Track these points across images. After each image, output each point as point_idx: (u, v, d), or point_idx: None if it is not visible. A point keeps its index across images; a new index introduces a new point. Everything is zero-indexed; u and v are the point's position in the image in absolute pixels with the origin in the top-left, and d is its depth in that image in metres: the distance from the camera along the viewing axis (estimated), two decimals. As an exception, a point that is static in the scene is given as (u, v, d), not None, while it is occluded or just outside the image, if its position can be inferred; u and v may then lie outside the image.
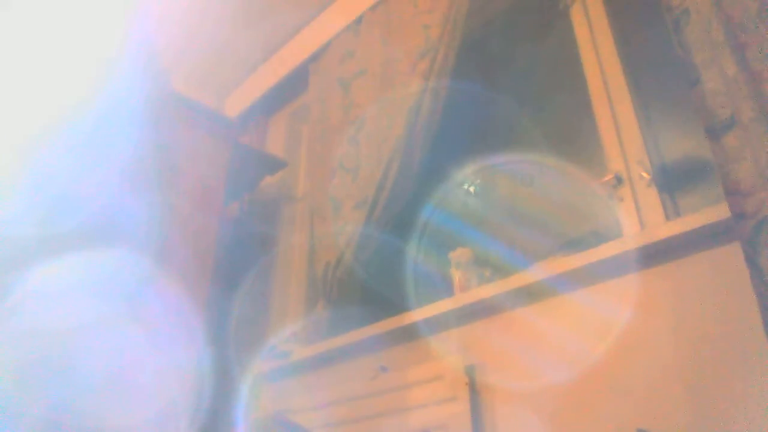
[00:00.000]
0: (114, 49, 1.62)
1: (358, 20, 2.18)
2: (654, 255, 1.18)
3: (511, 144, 1.81)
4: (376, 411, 1.51)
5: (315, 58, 2.35)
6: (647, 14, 1.57)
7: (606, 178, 1.44)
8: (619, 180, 1.42)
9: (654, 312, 1.15)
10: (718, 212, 1.07)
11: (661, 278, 1.17)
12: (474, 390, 1.35)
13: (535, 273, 1.33)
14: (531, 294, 1.35)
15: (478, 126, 1.95)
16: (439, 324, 1.51)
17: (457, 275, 1.58)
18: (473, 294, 1.44)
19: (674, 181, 1.39)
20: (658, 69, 1.52)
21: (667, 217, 1.32)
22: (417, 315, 1.52)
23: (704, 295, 1.10)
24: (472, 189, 1.86)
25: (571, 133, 1.65)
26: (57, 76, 1.52)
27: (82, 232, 1.36)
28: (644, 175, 1.38)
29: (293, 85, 2.51)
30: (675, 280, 1.15)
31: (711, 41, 1.01)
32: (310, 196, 2.07)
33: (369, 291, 1.90)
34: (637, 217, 1.36)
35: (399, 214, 1.75)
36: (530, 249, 1.55)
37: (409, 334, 1.56)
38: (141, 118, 1.60)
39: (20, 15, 1.54)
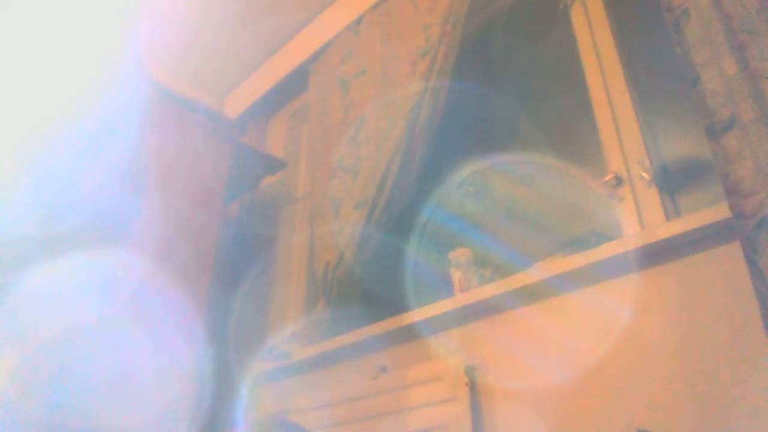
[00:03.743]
0: (114, 50, 1.62)
1: (358, 20, 2.18)
2: (654, 255, 1.18)
3: (511, 144, 1.81)
4: (376, 411, 1.51)
5: (315, 58, 2.35)
6: (647, 14, 1.57)
7: (606, 178, 1.44)
8: (619, 180, 1.42)
9: (654, 312, 1.15)
10: (718, 212, 1.07)
11: (661, 278, 1.17)
12: (474, 390, 1.35)
13: (535, 273, 1.33)
14: (531, 294, 1.35)
15: (478, 126, 1.95)
16: (439, 324, 1.51)
17: (457, 275, 1.58)
18: (473, 294, 1.44)
19: (674, 181, 1.38)
20: (658, 69, 1.52)
21: (667, 217, 1.32)
22: (417, 315, 1.52)
23: (704, 295, 1.10)
24: (472, 189, 1.86)
25: (571, 133, 1.65)
26: (58, 78, 1.52)
27: (83, 232, 1.36)
28: (644, 175, 1.38)
29: (293, 85, 2.51)
30: (675, 280, 1.15)
31: (711, 41, 1.01)
32: (310, 196, 2.07)
33: (369, 291, 1.90)
34: (637, 217, 1.36)
35: (399, 214, 1.75)
36: (530, 249, 1.55)
37: (409, 334, 1.56)
38: (141, 119, 1.60)
39: (20, 16, 1.54)
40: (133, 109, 1.58)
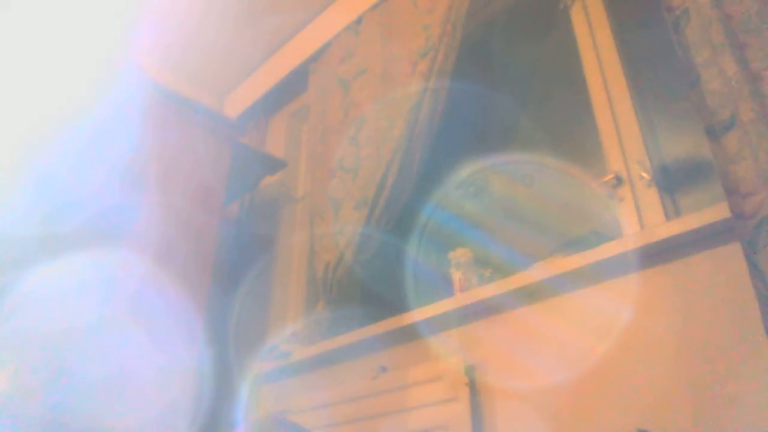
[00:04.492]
0: (114, 50, 1.62)
1: (358, 20, 2.18)
2: (654, 255, 1.18)
3: (511, 144, 1.81)
4: (376, 411, 1.51)
5: (315, 58, 2.35)
6: (647, 14, 1.57)
7: (606, 178, 1.44)
8: (619, 180, 1.42)
9: (654, 312, 1.15)
10: (718, 212, 1.07)
11: (661, 278, 1.17)
12: (474, 390, 1.35)
13: (535, 273, 1.33)
14: (531, 294, 1.35)
15: (478, 126, 1.95)
16: (439, 324, 1.51)
17: (457, 275, 1.58)
18: (473, 294, 1.44)
19: (674, 181, 1.39)
20: (658, 69, 1.52)
21: (667, 217, 1.32)
22: (417, 315, 1.52)
23: (704, 295, 1.10)
24: (472, 189, 1.86)
25: (571, 133, 1.65)
26: (58, 77, 1.52)
27: (83, 232, 1.36)
28: (644, 175, 1.38)
29: (293, 85, 2.51)
30: (675, 280, 1.15)
31: (711, 41, 1.01)
32: (310, 196, 2.07)
33: (369, 291, 1.90)
34: (637, 217, 1.36)
35: (399, 214, 1.75)
36: (530, 249, 1.55)
37: (409, 334, 1.56)
38: (141, 119, 1.60)
39: (20, 16, 1.54)
40: (133, 109, 1.58)
